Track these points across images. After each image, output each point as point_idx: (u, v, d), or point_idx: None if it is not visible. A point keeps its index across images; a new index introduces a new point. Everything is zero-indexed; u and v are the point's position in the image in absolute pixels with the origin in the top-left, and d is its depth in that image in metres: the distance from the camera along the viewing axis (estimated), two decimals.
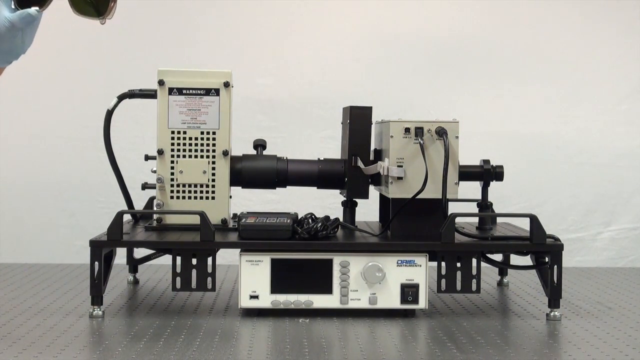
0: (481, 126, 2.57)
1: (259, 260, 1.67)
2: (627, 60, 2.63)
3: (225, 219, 1.82)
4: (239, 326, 1.61)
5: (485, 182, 1.86)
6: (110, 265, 1.74)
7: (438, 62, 2.62)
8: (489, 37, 2.62)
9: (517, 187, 2.56)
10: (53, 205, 2.58)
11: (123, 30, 2.54)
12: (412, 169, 1.69)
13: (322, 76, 2.60)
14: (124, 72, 2.51)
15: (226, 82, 1.82)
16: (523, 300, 1.88)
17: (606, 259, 2.63)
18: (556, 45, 2.63)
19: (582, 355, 1.43)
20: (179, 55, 2.56)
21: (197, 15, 2.59)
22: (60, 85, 2.56)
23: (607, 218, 2.64)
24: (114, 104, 1.86)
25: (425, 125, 1.70)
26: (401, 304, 1.68)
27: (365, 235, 1.76)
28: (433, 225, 1.69)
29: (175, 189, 1.81)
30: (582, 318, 1.71)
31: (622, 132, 2.63)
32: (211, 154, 1.82)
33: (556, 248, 1.68)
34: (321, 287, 1.67)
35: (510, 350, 1.47)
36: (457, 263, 1.69)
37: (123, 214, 1.68)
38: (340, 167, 1.84)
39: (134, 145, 2.44)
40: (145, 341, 1.49)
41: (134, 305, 1.80)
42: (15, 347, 1.45)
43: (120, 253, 1.86)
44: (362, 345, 1.49)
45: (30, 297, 1.85)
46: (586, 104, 2.63)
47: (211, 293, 1.86)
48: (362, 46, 2.61)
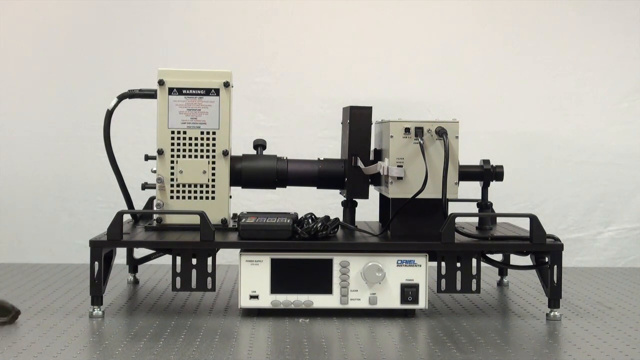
0: (481, 126, 2.57)
1: (259, 260, 1.67)
2: (627, 59, 2.63)
3: (225, 219, 1.82)
4: (239, 326, 1.61)
5: (485, 182, 1.86)
6: (110, 265, 1.75)
7: (438, 62, 2.62)
8: (489, 36, 2.62)
9: (517, 187, 2.56)
10: (53, 205, 2.57)
11: (123, 31, 2.55)
12: (412, 169, 1.69)
13: (322, 76, 2.60)
14: (124, 72, 2.51)
15: (226, 82, 1.82)
16: (523, 300, 1.88)
17: (606, 259, 2.62)
18: (556, 44, 2.63)
19: (582, 355, 1.44)
20: (179, 55, 2.56)
21: (197, 15, 2.59)
22: (60, 86, 2.56)
23: (607, 218, 2.63)
24: (114, 104, 1.86)
25: (425, 125, 1.70)
26: (401, 304, 1.68)
27: (365, 235, 1.76)
28: (433, 225, 1.69)
29: (175, 189, 1.81)
30: (582, 318, 1.71)
31: (623, 131, 2.63)
32: (211, 154, 1.82)
33: (556, 248, 1.68)
34: (321, 287, 1.67)
35: (510, 350, 1.47)
36: (457, 263, 1.69)
37: (123, 214, 1.68)
38: (340, 167, 1.84)
39: (134, 145, 2.44)
40: (145, 341, 1.49)
41: (134, 305, 1.80)
42: (15, 347, 1.45)
43: (120, 253, 1.87)
44: (362, 345, 1.49)
45: (30, 297, 1.85)
46: (586, 103, 2.63)
47: (211, 293, 1.86)
48: (362, 46, 2.61)
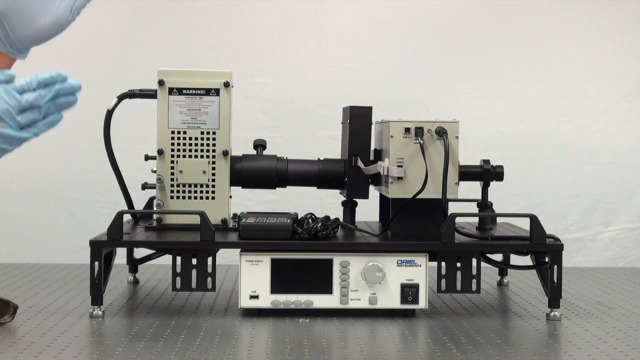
0: (481, 126, 2.57)
1: (259, 260, 1.67)
2: (628, 58, 2.63)
3: (225, 219, 1.82)
4: (239, 326, 1.61)
5: (485, 182, 1.86)
6: (110, 265, 1.74)
7: (438, 62, 2.62)
8: (489, 36, 2.62)
9: (517, 187, 2.56)
10: (53, 205, 2.58)
11: (123, 30, 2.55)
12: (412, 169, 1.69)
13: (322, 76, 2.60)
14: (124, 72, 2.51)
15: (226, 82, 1.82)
16: (523, 300, 1.88)
17: (606, 259, 2.62)
18: (557, 44, 2.63)
19: (582, 355, 1.43)
20: (179, 55, 2.56)
21: (197, 15, 2.59)
22: None
23: (607, 218, 2.63)
24: (114, 104, 1.86)
25: (425, 125, 1.70)
26: (401, 304, 1.68)
27: (365, 235, 1.76)
28: (433, 225, 1.69)
29: (175, 189, 1.81)
30: (582, 318, 1.71)
31: (623, 131, 2.63)
32: (211, 154, 1.82)
33: (556, 248, 1.68)
34: (321, 287, 1.67)
35: (510, 350, 1.47)
36: (457, 263, 1.69)
37: (123, 214, 1.68)
38: (340, 167, 1.84)
39: (134, 145, 2.44)
40: (145, 341, 1.49)
41: (134, 305, 1.80)
42: (15, 347, 1.45)
43: (120, 253, 1.86)
44: (362, 345, 1.49)
45: (30, 297, 1.85)
46: (586, 102, 2.63)
47: (211, 293, 1.86)
48: (362, 45, 2.61)
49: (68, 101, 1.38)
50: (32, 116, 1.32)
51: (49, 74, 1.35)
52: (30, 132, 1.33)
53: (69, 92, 1.38)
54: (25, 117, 1.31)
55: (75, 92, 1.40)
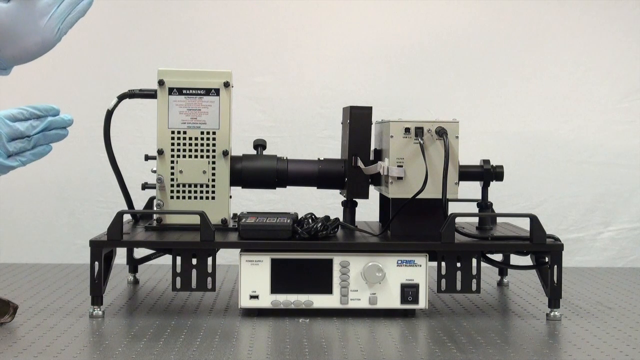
0: (481, 126, 2.57)
1: (259, 260, 1.67)
2: (627, 58, 2.63)
3: (225, 219, 1.82)
4: (239, 326, 1.61)
5: (485, 182, 1.86)
6: (110, 265, 1.74)
7: (438, 62, 2.62)
8: (489, 36, 2.62)
9: (517, 187, 2.56)
10: (53, 205, 2.58)
11: (123, 30, 2.55)
12: (412, 169, 1.69)
13: (322, 76, 2.60)
14: (124, 72, 2.51)
15: (226, 82, 1.82)
16: (523, 300, 1.88)
17: (606, 259, 2.62)
18: (556, 43, 2.63)
19: (582, 355, 1.43)
20: (179, 55, 2.56)
21: (197, 15, 2.59)
22: (60, 85, 2.56)
23: (607, 218, 2.63)
24: (114, 104, 1.86)
25: (425, 125, 1.70)
26: (401, 304, 1.68)
27: (365, 235, 1.76)
28: (433, 225, 1.69)
29: (175, 189, 1.81)
30: (582, 318, 1.71)
31: (623, 131, 2.63)
32: (211, 154, 1.82)
33: (556, 248, 1.68)
34: (321, 287, 1.67)
35: (510, 350, 1.47)
36: (457, 263, 1.69)
37: (123, 214, 1.68)
38: (340, 167, 1.84)
39: (134, 145, 2.44)
40: (145, 341, 1.49)
41: (134, 305, 1.80)
42: (15, 347, 1.45)
43: (120, 253, 1.86)
44: (362, 345, 1.49)
45: (30, 297, 1.85)
46: (586, 102, 2.63)
47: (211, 293, 1.86)
48: (362, 46, 2.61)
49: (59, 134, 1.40)
50: (21, 145, 1.33)
51: (42, 106, 1.37)
52: (17, 161, 1.35)
53: (61, 125, 1.39)
54: (14, 145, 1.32)
55: (67, 126, 1.41)
